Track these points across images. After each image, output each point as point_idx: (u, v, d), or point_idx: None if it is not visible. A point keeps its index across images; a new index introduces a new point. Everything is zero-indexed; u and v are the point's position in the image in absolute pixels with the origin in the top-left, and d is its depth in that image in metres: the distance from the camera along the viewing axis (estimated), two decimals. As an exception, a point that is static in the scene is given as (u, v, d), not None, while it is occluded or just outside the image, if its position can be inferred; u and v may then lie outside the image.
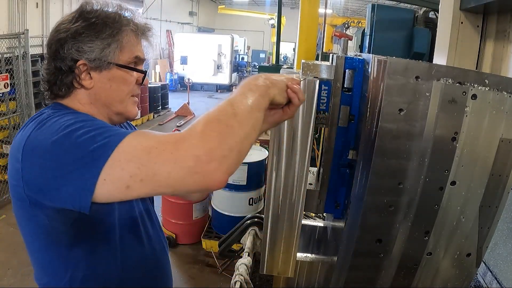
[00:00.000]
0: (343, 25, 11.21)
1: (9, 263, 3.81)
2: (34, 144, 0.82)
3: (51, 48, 0.95)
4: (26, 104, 5.48)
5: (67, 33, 0.93)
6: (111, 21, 0.95)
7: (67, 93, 0.97)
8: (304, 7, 4.01)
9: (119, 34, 0.96)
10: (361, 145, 1.10)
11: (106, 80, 0.97)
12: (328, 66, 1.19)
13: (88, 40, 0.93)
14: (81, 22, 0.93)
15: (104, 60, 0.95)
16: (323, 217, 2.01)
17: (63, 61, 0.94)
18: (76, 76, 0.95)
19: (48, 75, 0.97)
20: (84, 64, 0.94)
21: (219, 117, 0.75)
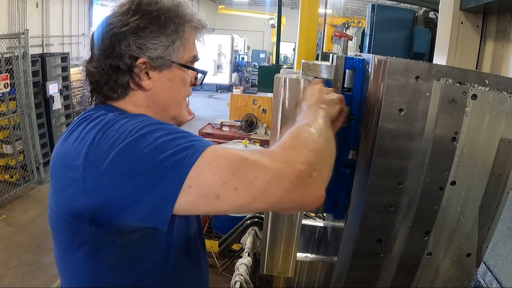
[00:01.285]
0: (343, 25, 11.21)
1: (9, 263, 3.81)
2: (101, 149, 0.70)
3: (103, 44, 0.83)
4: (26, 104, 5.48)
5: (126, 27, 0.81)
6: (174, 16, 0.86)
7: (122, 94, 0.86)
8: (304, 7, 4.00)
9: (183, 30, 0.88)
10: (361, 145, 1.10)
11: (167, 81, 0.87)
12: (328, 66, 1.19)
13: (152, 36, 0.83)
14: (141, 15, 0.83)
15: (168, 58, 0.86)
16: (323, 217, 2.01)
17: (121, 58, 0.82)
18: (135, 75, 0.84)
19: (98, 75, 0.85)
20: (145, 63, 0.84)
21: (303, 134, 0.72)
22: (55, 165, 0.80)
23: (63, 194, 0.76)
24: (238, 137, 5.66)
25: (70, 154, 0.75)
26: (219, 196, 0.63)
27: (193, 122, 10.29)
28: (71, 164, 0.73)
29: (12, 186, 5.36)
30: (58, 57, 6.77)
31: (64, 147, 0.79)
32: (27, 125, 5.57)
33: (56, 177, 0.80)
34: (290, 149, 0.67)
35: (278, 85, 1.11)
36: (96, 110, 0.85)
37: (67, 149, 0.77)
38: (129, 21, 0.82)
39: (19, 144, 5.59)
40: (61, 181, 0.77)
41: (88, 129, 0.75)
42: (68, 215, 0.76)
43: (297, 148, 0.68)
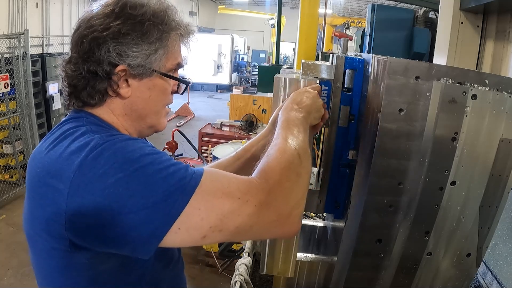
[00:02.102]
0: (343, 25, 11.21)
1: (9, 263, 3.81)
2: (89, 177, 0.68)
3: (82, 47, 0.80)
4: (26, 104, 5.48)
5: (106, 31, 0.78)
6: (159, 22, 0.82)
7: (100, 101, 0.84)
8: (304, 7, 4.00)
9: (167, 38, 0.84)
10: (361, 145, 1.10)
11: (146, 89, 0.84)
12: (328, 66, 1.19)
13: (134, 43, 0.79)
14: (124, 19, 0.79)
15: (149, 67, 0.82)
16: (323, 217, 2.01)
17: (99, 64, 0.79)
18: (113, 83, 0.81)
19: (76, 78, 0.82)
20: (124, 70, 0.81)
21: (290, 166, 0.76)
22: (34, 177, 0.78)
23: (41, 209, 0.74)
24: (238, 137, 5.66)
25: (53, 173, 0.72)
26: (205, 237, 0.69)
27: (193, 122, 10.29)
28: (54, 185, 0.71)
29: (12, 186, 5.36)
30: (58, 57, 6.75)
31: (45, 161, 0.76)
32: (27, 125, 5.57)
33: (34, 188, 0.77)
34: (275, 187, 0.71)
35: (278, 85, 1.11)
36: (78, 121, 0.82)
37: (49, 166, 0.74)
38: (110, 25, 0.79)
39: (19, 144, 5.59)
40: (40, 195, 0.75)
41: (72, 149, 0.73)
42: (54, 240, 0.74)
43: (282, 186, 0.72)
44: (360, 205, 1.04)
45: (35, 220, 0.77)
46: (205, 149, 5.75)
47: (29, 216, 0.80)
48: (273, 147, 0.80)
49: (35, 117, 5.72)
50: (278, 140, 0.82)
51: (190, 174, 0.71)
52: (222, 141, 5.54)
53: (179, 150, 4.55)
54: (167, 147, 4.51)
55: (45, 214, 0.73)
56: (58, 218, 0.70)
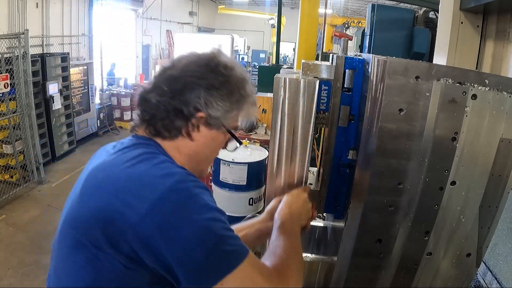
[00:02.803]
0: (343, 25, 11.22)
1: (9, 263, 3.81)
2: (170, 210, 0.76)
3: (175, 85, 0.89)
4: (26, 104, 5.48)
5: (202, 80, 0.89)
6: (242, 87, 0.94)
7: (172, 137, 0.92)
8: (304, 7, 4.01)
9: (243, 103, 0.95)
10: (361, 145, 1.10)
11: (210, 139, 0.95)
12: (328, 66, 1.19)
13: (220, 98, 0.90)
14: (218, 75, 0.91)
15: (221, 121, 0.93)
16: (323, 217, 2.01)
17: (186, 105, 0.88)
18: (190, 125, 0.91)
19: (158, 109, 0.90)
20: (203, 117, 0.90)
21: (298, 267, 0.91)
22: (102, 185, 0.83)
23: (103, 218, 0.79)
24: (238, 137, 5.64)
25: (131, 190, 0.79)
26: None
27: (193, 122, 10.30)
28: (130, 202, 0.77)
29: (12, 186, 5.36)
30: (58, 57, 6.77)
31: (122, 174, 0.82)
32: (27, 125, 5.56)
33: (100, 196, 0.81)
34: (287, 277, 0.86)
35: (278, 85, 1.11)
36: (152, 148, 0.90)
37: (126, 182, 0.80)
38: (207, 76, 0.89)
39: (19, 144, 5.59)
40: (105, 206, 0.79)
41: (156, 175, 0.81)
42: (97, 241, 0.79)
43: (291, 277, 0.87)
44: (360, 205, 1.04)
45: (87, 220, 0.81)
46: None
47: (77, 213, 0.84)
48: (282, 249, 0.93)
49: (35, 117, 5.72)
50: (284, 243, 0.95)
51: (242, 244, 0.82)
52: (222, 141, 5.53)
53: (179, 150, 4.57)
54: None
55: (104, 222, 0.79)
56: (123, 230, 0.76)
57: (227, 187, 3.84)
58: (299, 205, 1.11)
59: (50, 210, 4.93)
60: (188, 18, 18.79)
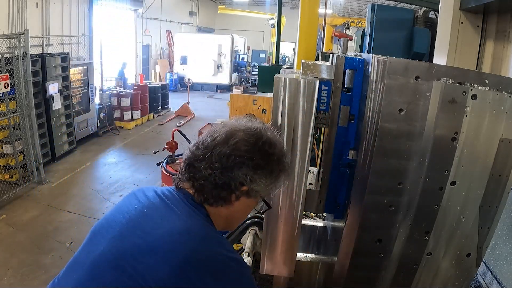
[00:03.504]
0: (343, 25, 11.21)
1: (9, 263, 3.81)
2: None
3: (227, 162, 0.97)
4: (26, 104, 5.48)
5: (250, 161, 0.97)
6: (281, 163, 1.02)
7: (218, 205, 1.01)
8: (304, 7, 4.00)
9: (280, 177, 1.03)
10: (361, 145, 1.10)
11: (247, 206, 1.05)
12: (328, 66, 1.19)
13: (263, 176, 0.99)
14: (263, 155, 0.99)
15: (261, 194, 1.03)
16: (323, 217, 2.01)
17: (233, 180, 0.97)
18: (234, 195, 1.00)
19: (207, 180, 0.98)
20: (246, 190, 1.00)
21: None
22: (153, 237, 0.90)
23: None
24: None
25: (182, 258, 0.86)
26: None
27: (193, 122, 10.29)
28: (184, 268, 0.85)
29: (12, 186, 5.36)
30: (58, 57, 6.77)
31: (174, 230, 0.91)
32: (27, 125, 5.57)
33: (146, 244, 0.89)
34: None
35: (278, 85, 1.11)
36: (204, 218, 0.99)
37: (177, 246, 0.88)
38: (254, 157, 0.98)
39: (19, 144, 5.59)
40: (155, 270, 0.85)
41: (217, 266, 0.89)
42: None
43: None
44: (360, 205, 1.04)
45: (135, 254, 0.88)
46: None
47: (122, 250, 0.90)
48: None
49: (35, 117, 5.72)
50: None
51: None
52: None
53: (179, 150, 4.53)
54: (167, 147, 4.49)
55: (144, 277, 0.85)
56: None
57: (227, 187, 3.83)
58: None
59: (50, 210, 4.93)
60: (188, 18, 18.80)
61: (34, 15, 7.81)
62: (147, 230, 0.91)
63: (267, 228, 1.27)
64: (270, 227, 1.27)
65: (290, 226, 1.25)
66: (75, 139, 7.44)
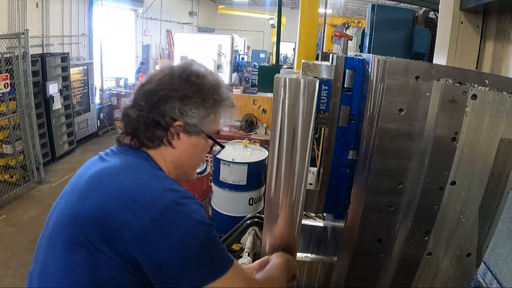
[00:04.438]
0: (343, 25, 11.21)
1: (9, 263, 3.81)
2: (172, 223, 0.83)
3: (151, 98, 0.96)
4: (26, 104, 5.48)
5: (175, 92, 0.95)
6: (215, 93, 0.99)
7: (155, 146, 0.98)
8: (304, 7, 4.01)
9: (219, 107, 1.01)
10: (361, 145, 1.10)
11: (192, 145, 1.01)
12: (328, 66, 1.19)
13: (194, 106, 0.96)
14: (190, 85, 0.96)
15: (199, 127, 0.99)
16: (323, 217, 2.01)
17: (163, 116, 0.95)
18: (169, 134, 0.97)
19: (138, 123, 0.97)
20: (181, 126, 0.97)
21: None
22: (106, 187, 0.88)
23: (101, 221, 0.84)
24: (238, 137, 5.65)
25: (136, 200, 0.84)
26: None
27: (193, 122, 10.29)
28: (135, 211, 0.83)
29: (12, 186, 5.36)
30: (58, 57, 6.77)
31: (123, 182, 0.88)
32: (27, 125, 5.57)
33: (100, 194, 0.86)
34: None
35: (278, 85, 1.11)
36: (145, 159, 0.97)
37: (130, 190, 0.86)
38: (179, 88, 0.95)
39: (19, 144, 5.59)
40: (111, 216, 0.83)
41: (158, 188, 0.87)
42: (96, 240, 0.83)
43: None
44: (360, 205, 1.04)
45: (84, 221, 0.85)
46: (205, 149, 5.74)
47: (77, 214, 0.88)
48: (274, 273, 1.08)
49: (35, 117, 5.72)
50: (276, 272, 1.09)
51: (229, 256, 0.91)
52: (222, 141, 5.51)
53: (179, 150, 4.56)
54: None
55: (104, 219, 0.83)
56: (121, 230, 0.82)
57: (227, 187, 3.84)
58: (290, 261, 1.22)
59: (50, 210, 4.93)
60: (188, 18, 18.79)
61: (34, 15, 7.81)
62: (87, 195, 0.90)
63: (267, 228, 1.27)
64: (270, 227, 1.27)
65: (290, 226, 1.25)
66: (75, 139, 7.44)
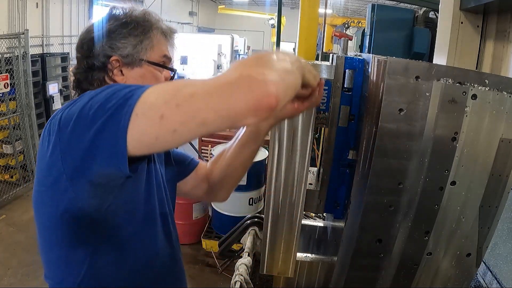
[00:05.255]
0: (343, 25, 11.20)
1: (9, 263, 3.81)
2: (68, 114, 0.78)
3: (83, 48, 0.97)
4: (26, 104, 5.47)
5: (98, 32, 0.95)
6: (141, 20, 0.99)
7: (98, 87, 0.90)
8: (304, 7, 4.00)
9: (150, 32, 0.99)
10: (361, 145, 1.10)
11: (138, 77, 0.98)
12: (328, 66, 1.19)
13: (122, 37, 0.96)
14: (112, 21, 0.97)
15: (136, 56, 0.97)
16: (323, 217, 2.01)
17: (96, 58, 0.95)
18: (109, 71, 0.96)
19: (79, 74, 0.98)
20: (117, 60, 0.96)
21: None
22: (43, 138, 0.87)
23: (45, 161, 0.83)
24: (238, 137, 5.63)
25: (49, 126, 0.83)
26: (162, 116, 0.63)
27: (193, 122, 10.27)
28: (50, 131, 0.82)
29: (12, 186, 5.35)
30: (58, 57, 6.77)
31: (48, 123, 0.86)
32: (27, 125, 5.56)
33: (43, 146, 0.86)
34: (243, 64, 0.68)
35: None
36: None
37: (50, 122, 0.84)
38: (102, 27, 0.96)
39: (19, 144, 5.58)
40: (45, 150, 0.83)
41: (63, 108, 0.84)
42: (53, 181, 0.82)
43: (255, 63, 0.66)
44: (360, 205, 1.04)
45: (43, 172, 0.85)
46: (205, 149, 5.75)
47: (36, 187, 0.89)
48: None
49: (35, 117, 5.71)
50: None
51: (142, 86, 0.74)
52: (222, 141, 5.52)
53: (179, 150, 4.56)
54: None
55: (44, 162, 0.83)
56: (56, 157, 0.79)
57: (227, 187, 3.83)
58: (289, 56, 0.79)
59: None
60: (188, 18, 18.79)
61: (34, 15, 7.81)
62: None
63: (267, 228, 1.27)
64: (270, 227, 1.27)
65: (290, 226, 1.25)
66: (75, 139, 7.42)
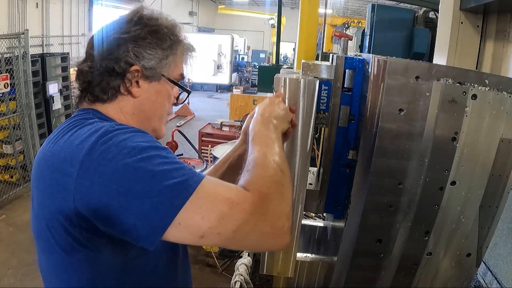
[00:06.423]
0: (343, 25, 11.20)
1: (9, 263, 3.81)
2: (98, 161, 0.71)
3: (102, 46, 0.87)
4: (26, 104, 5.48)
5: (127, 34, 0.86)
6: (171, 33, 0.91)
7: (111, 98, 0.88)
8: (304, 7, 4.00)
9: (177, 48, 0.93)
10: (361, 145, 1.10)
11: (154, 92, 0.91)
12: (328, 66, 1.19)
13: (150, 47, 0.87)
14: (142, 26, 0.87)
15: (159, 71, 0.90)
16: (323, 217, 2.01)
17: (117, 62, 0.85)
18: (127, 80, 0.87)
19: (92, 75, 0.87)
20: (138, 70, 0.87)
21: (275, 180, 0.79)
22: (43, 168, 0.79)
23: (52, 199, 0.76)
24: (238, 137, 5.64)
25: (63, 158, 0.75)
26: (203, 237, 0.71)
27: (193, 122, 10.29)
28: (64, 169, 0.74)
29: (12, 186, 5.36)
30: (58, 57, 6.76)
31: (55, 149, 0.78)
32: (27, 125, 5.56)
33: (44, 180, 0.78)
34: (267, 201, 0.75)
35: (278, 85, 1.11)
36: (85, 115, 0.86)
37: (59, 153, 0.76)
38: (130, 30, 0.87)
39: (19, 144, 5.58)
40: (50, 185, 0.76)
41: (84, 136, 0.76)
42: (57, 221, 0.75)
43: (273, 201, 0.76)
44: (360, 205, 1.04)
45: (45, 210, 0.78)
46: (205, 149, 5.75)
47: (38, 210, 0.81)
48: (253, 163, 0.82)
49: (35, 117, 5.71)
50: (255, 155, 0.84)
51: (193, 173, 0.75)
52: (222, 141, 5.53)
53: (179, 150, 4.55)
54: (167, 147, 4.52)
55: (55, 202, 0.74)
56: (67, 203, 0.72)
57: (227, 187, 3.83)
58: (273, 109, 0.98)
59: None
60: (188, 18, 18.79)
61: (34, 15, 7.82)
62: None
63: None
64: (270, 227, 1.26)
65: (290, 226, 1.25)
66: (75, 139, 7.42)
